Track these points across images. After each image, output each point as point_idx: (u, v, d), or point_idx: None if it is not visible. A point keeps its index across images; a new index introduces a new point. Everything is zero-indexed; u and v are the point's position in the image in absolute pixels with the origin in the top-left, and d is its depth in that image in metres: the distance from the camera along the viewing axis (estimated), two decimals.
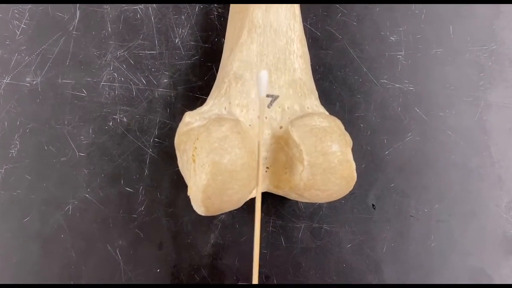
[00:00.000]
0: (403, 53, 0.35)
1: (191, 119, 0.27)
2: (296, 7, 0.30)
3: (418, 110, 0.34)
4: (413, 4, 0.35)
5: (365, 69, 0.34)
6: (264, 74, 0.25)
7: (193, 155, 0.25)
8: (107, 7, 0.34)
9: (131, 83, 0.34)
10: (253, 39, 0.29)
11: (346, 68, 0.34)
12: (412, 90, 0.34)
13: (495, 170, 0.34)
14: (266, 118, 0.28)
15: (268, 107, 0.29)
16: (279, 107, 0.29)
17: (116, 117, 0.33)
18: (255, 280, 0.26)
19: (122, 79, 0.34)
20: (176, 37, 0.34)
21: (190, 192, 0.25)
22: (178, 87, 0.34)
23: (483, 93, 0.35)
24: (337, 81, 0.34)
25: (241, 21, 0.30)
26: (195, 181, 0.25)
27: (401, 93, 0.34)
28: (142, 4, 0.34)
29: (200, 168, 0.24)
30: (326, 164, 0.26)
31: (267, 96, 0.28)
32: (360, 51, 0.34)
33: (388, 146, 0.34)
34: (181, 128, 0.27)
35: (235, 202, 0.26)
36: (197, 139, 0.25)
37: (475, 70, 0.35)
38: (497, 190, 0.34)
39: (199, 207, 0.25)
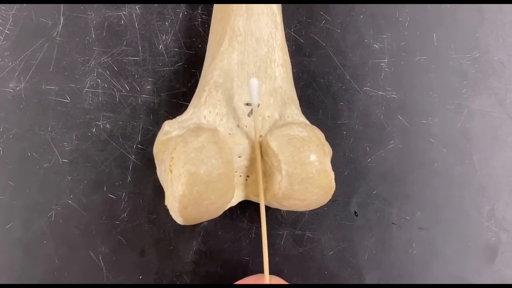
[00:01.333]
0: (386, 60, 0.35)
1: (170, 128, 0.27)
2: (277, 16, 0.30)
3: (401, 118, 0.34)
4: (397, 12, 0.35)
5: (348, 77, 0.34)
6: (254, 81, 0.26)
7: (170, 165, 0.25)
8: (90, 13, 0.34)
9: (115, 89, 0.34)
10: (234, 48, 0.29)
11: (329, 76, 0.34)
12: (395, 97, 0.34)
13: (477, 178, 0.34)
14: (246, 127, 0.29)
15: (249, 116, 0.29)
16: (260, 116, 0.29)
17: (100, 123, 0.34)
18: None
19: (106, 85, 0.34)
20: (159, 44, 0.34)
21: (167, 202, 0.25)
22: (162, 94, 0.34)
23: (466, 101, 0.35)
24: (320, 88, 0.34)
25: (222, 29, 0.30)
26: (172, 191, 0.25)
27: (384, 100, 0.34)
28: (126, 11, 0.34)
29: (176, 179, 0.24)
30: (304, 174, 0.26)
31: (247, 104, 0.28)
32: (344, 58, 0.35)
33: (370, 153, 0.34)
34: (160, 137, 0.27)
35: (212, 212, 0.26)
36: (175, 149, 0.25)
37: (458, 78, 0.35)
38: (479, 198, 0.34)
39: (177, 217, 0.25)
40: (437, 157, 0.34)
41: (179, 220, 0.26)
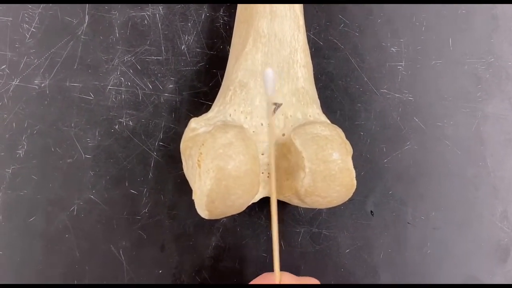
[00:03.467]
0: (403, 63, 0.35)
1: (196, 125, 0.28)
2: (300, 18, 0.31)
3: (416, 120, 0.35)
4: (414, 16, 0.36)
5: (365, 79, 0.35)
6: (270, 72, 0.25)
7: (198, 160, 0.25)
8: (115, 12, 0.35)
9: (138, 87, 0.35)
10: (258, 49, 0.30)
11: (347, 77, 0.35)
12: (411, 100, 0.35)
13: (490, 179, 0.35)
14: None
15: (272, 114, 0.29)
16: (282, 115, 0.30)
17: (122, 120, 0.34)
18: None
19: (129, 83, 0.35)
20: (182, 44, 0.35)
21: (195, 196, 0.26)
22: (184, 93, 0.35)
23: (480, 105, 0.36)
24: (338, 89, 0.35)
25: (246, 30, 0.30)
26: (200, 185, 0.25)
27: (400, 102, 0.35)
28: (150, 11, 0.35)
29: (205, 174, 0.25)
30: (327, 172, 0.26)
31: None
32: (361, 61, 0.35)
33: (387, 154, 0.35)
34: (187, 134, 0.28)
35: (237, 206, 0.27)
36: (203, 145, 0.25)
37: (472, 82, 0.36)
38: (492, 199, 0.35)
39: (203, 211, 0.26)
40: (452, 158, 0.35)
41: (204, 214, 0.26)
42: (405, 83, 0.35)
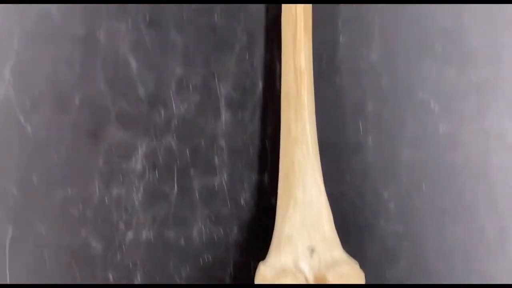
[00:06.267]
0: None
1: (265, 271, 0.42)
2: (321, 185, 0.47)
3: None
4: None
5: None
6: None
7: None
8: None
9: None
10: (296, 212, 0.45)
11: None
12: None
13: None
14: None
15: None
16: (316, 257, 0.44)
17: None
18: None
19: None
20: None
21: None
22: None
23: None
24: None
25: (287, 199, 0.46)
26: None
27: None
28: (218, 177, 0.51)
29: None
30: None
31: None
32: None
33: None
34: (257, 278, 0.42)
35: None
36: None
37: None
38: None
39: None
40: None
41: None
42: None
